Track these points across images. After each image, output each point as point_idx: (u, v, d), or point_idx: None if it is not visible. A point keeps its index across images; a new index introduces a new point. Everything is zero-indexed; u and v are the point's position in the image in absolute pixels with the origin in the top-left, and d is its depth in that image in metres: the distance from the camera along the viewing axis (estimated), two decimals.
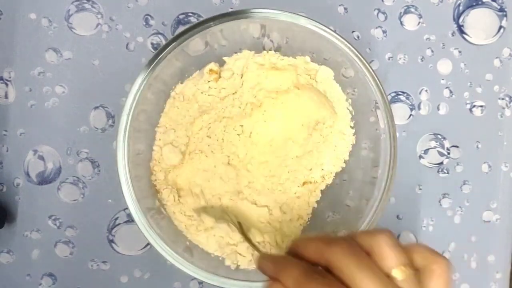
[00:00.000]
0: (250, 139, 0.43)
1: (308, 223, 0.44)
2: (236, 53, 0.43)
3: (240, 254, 0.41)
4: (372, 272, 0.27)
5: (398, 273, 0.27)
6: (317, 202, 0.45)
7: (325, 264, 0.28)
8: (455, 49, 0.48)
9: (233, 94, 0.43)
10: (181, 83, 0.43)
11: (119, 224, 0.47)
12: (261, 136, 0.43)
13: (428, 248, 0.29)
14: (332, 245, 0.28)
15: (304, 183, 0.44)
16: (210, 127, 0.43)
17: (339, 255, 0.27)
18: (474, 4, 0.48)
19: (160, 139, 0.42)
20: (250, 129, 0.43)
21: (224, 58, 0.43)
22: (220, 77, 0.42)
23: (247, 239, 0.39)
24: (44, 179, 0.47)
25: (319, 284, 0.27)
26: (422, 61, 0.48)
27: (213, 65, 0.42)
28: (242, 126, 0.43)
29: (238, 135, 0.43)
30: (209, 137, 0.43)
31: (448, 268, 0.29)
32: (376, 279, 0.26)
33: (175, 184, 0.43)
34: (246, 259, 0.41)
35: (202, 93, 0.42)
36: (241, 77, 0.43)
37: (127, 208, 0.40)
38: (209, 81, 0.42)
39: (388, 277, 0.27)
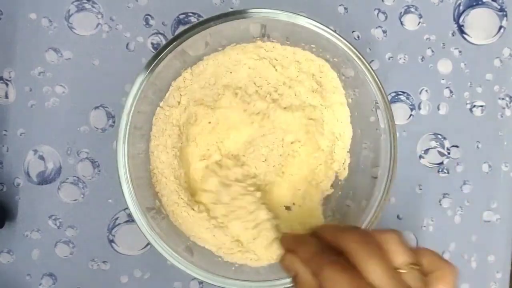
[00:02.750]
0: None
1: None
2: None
3: (250, 251, 0.42)
4: (380, 260, 0.28)
5: (405, 269, 0.29)
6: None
7: (339, 249, 0.30)
8: (455, 49, 0.48)
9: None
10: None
11: (119, 224, 0.47)
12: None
13: (436, 254, 0.30)
14: (347, 232, 0.30)
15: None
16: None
17: (352, 242, 0.29)
18: (474, 4, 0.48)
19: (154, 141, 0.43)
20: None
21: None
22: None
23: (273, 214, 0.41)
24: (44, 179, 0.47)
25: (331, 262, 0.29)
26: (422, 61, 0.48)
27: None
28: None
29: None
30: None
31: (455, 275, 0.30)
32: (384, 268, 0.28)
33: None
34: (253, 258, 0.42)
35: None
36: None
37: (127, 208, 0.40)
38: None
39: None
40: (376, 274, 0.28)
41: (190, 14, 0.47)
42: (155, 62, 0.38)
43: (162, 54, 0.38)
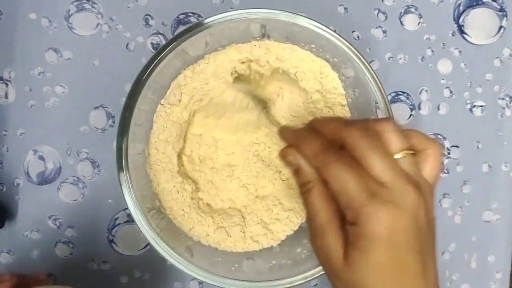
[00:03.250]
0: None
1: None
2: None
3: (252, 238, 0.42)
4: (382, 153, 0.30)
5: (400, 155, 0.31)
6: None
7: (340, 142, 0.31)
8: (455, 49, 0.48)
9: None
10: None
11: (119, 224, 0.47)
12: None
13: (423, 134, 0.33)
14: (349, 126, 0.31)
15: None
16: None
17: (353, 135, 0.30)
18: (474, 4, 0.48)
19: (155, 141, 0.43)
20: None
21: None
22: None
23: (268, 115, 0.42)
24: (44, 179, 0.47)
25: (334, 157, 0.30)
26: (422, 61, 0.48)
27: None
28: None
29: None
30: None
31: (441, 152, 0.33)
32: (385, 160, 0.30)
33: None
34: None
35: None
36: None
37: (127, 208, 0.40)
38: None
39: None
40: (379, 167, 0.29)
41: (190, 14, 0.47)
42: (155, 62, 0.38)
43: (162, 54, 0.38)
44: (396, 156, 0.31)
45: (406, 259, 0.29)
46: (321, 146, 0.32)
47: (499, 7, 0.48)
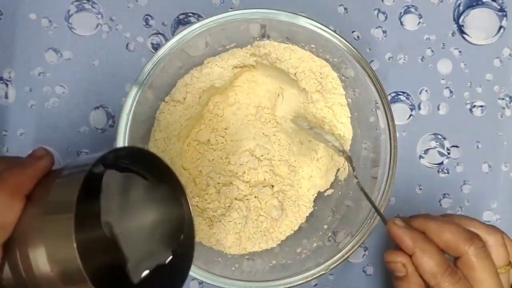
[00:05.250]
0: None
1: (306, 223, 0.45)
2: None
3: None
4: (496, 277, 0.31)
5: (502, 270, 0.33)
6: (316, 202, 0.45)
7: (455, 255, 0.32)
8: (455, 49, 0.48)
9: None
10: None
11: None
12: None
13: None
14: (471, 244, 0.31)
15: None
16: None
17: (475, 257, 0.31)
18: (474, 4, 0.48)
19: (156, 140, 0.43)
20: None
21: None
22: None
23: None
24: None
25: (453, 282, 0.31)
26: (422, 61, 0.48)
27: None
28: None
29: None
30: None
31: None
32: (497, 283, 0.31)
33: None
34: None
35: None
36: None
37: None
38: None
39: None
40: None
41: (190, 14, 0.47)
42: (155, 62, 0.38)
43: (162, 54, 0.38)
44: (500, 271, 0.32)
45: None
46: (440, 265, 0.32)
47: (499, 7, 0.48)
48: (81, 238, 0.26)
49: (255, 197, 0.44)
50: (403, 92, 0.48)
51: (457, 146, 0.48)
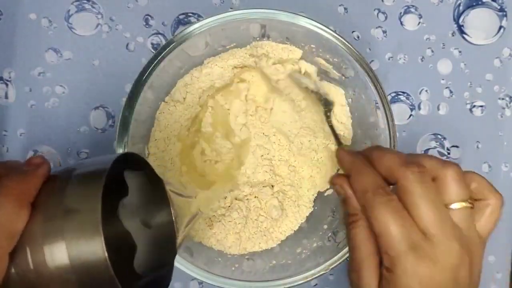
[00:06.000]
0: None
1: (306, 223, 0.45)
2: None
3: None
4: (433, 201, 0.29)
5: (456, 206, 0.30)
6: (316, 202, 0.45)
7: (393, 181, 0.30)
8: (455, 49, 0.48)
9: None
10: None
11: None
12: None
13: (486, 182, 0.31)
14: (406, 167, 0.30)
15: None
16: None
17: (408, 178, 0.29)
18: (474, 4, 0.48)
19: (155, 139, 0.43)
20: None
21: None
22: None
23: None
24: None
25: (381, 199, 0.30)
26: (422, 61, 0.48)
27: None
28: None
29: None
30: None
31: (501, 205, 0.31)
32: (436, 211, 0.29)
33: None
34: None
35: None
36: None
37: None
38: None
39: (446, 206, 0.30)
40: (427, 218, 0.29)
41: (190, 14, 0.47)
42: (155, 62, 0.38)
43: (162, 54, 0.38)
44: (453, 206, 0.30)
45: None
46: (372, 184, 0.31)
47: (499, 7, 0.48)
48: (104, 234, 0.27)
49: (255, 197, 0.44)
50: (403, 92, 0.48)
51: (457, 146, 0.48)
